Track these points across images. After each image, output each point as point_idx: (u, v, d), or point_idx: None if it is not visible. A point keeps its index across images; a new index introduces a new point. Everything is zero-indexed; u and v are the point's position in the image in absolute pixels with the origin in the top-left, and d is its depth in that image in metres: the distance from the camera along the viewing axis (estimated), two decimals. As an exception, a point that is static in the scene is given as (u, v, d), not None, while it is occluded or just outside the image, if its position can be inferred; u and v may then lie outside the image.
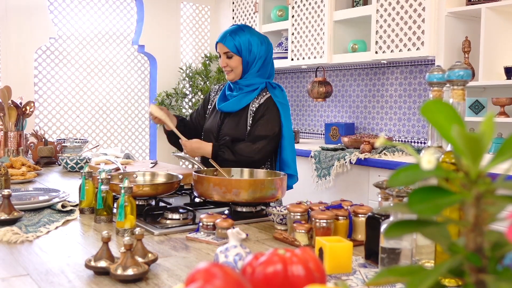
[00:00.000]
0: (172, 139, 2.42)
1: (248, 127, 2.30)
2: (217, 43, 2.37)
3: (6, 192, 1.59)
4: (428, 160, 0.45)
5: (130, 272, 1.09)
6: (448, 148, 1.15)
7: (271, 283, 0.59)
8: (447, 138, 0.47)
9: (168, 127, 2.34)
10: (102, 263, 1.14)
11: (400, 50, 3.39)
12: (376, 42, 3.54)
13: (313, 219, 1.39)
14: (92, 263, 1.14)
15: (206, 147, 2.24)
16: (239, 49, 2.32)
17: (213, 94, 2.54)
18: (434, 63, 3.47)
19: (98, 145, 3.38)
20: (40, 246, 1.38)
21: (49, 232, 1.52)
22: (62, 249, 1.36)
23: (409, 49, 3.34)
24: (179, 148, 2.38)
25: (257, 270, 0.61)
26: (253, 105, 2.32)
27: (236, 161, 2.20)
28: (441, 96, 1.23)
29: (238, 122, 2.32)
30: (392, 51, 3.44)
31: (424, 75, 3.70)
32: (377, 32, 3.53)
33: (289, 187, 2.30)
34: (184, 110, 4.98)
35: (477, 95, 3.27)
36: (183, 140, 2.26)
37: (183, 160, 4.96)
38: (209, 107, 2.52)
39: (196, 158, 2.23)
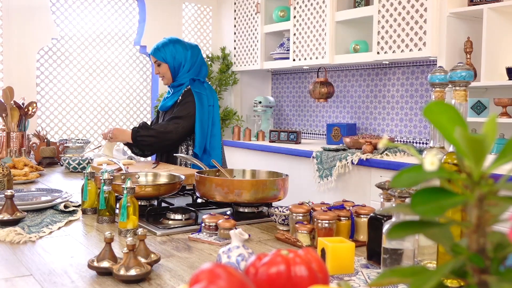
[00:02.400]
0: (131, 148, 2.95)
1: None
2: (150, 55, 2.99)
3: (9, 192, 1.59)
4: (431, 161, 0.45)
5: (133, 272, 1.09)
6: (450, 149, 1.15)
7: (274, 283, 0.59)
8: (450, 140, 0.47)
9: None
10: (105, 264, 1.14)
11: (402, 51, 3.39)
12: (378, 43, 3.54)
13: (315, 219, 1.39)
14: (95, 264, 1.14)
15: (126, 131, 2.78)
16: (165, 57, 2.87)
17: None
18: (436, 64, 3.46)
19: (100, 146, 3.39)
20: (43, 246, 1.38)
21: (52, 232, 1.52)
22: (64, 250, 1.36)
23: (411, 50, 3.34)
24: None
25: (260, 271, 0.61)
26: (178, 99, 2.85)
27: (152, 136, 2.71)
28: (443, 97, 1.23)
29: (167, 117, 2.83)
30: (394, 51, 3.44)
31: (426, 75, 3.70)
32: (379, 32, 3.53)
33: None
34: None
35: (479, 95, 3.27)
36: (106, 131, 2.81)
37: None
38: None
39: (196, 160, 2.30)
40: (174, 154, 2.56)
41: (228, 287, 0.44)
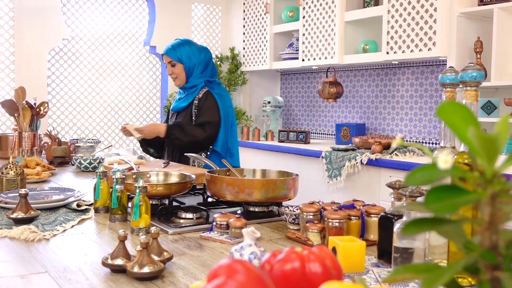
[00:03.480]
0: (144, 146, 3.00)
1: (193, 119, 2.82)
2: (162, 55, 2.90)
3: (23, 191, 1.61)
4: (444, 160, 0.46)
5: (146, 270, 1.11)
6: (461, 148, 1.16)
7: (289, 280, 0.61)
8: (463, 139, 0.48)
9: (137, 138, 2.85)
10: (119, 261, 1.16)
11: (412, 51, 3.39)
12: (388, 43, 3.54)
13: (325, 219, 1.40)
14: (109, 261, 1.16)
15: (160, 127, 2.79)
16: (180, 58, 2.83)
17: (172, 102, 3.08)
18: (445, 64, 3.46)
19: (111, 145, 3.42)
20: (57, 244, 1.40)
21: (65, 230, 1.54)
22: (78, 247, 1.38)
23: (420, 50, 3.34)
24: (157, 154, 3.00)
25: (275, 267, 0.62)
26: (195, 101, 2.83)
27: (184, 140, 2.72)
28: (454, 97, 1.23)
29: (184, 117, 2.84)
30: (403, 51, 3.44)
31: (436, 75, 3.70)
32: (388, 32, 3.53)
33: None
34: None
35: (489, 95, 3.27)
36: (140, 127, 2.78)
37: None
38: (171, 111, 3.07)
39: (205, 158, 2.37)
40: (185, 154, 2.56)
41: (246, 281, 0.46)
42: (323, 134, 4.70)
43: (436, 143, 3.71)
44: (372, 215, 1.45)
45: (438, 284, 0.46)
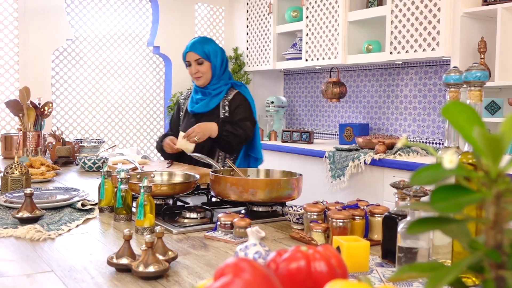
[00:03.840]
0: (165, 154, 2.71)
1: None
2: (186, 53, 2.68)
3: (28, 191, 1.62)
4: (450, 159, 0.46)
5: (151, 269, 1.11)
6: (465, 148, 1.16)
7: (295, 279, 0.61)
8: (468, 139, 0.48)
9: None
10: (124, 260, 1.16)
11: (415, 51, 3.39)
12: (391, 43, 3.54)
13: (329, 218, 1.41)
14: (114, 260, 1.17)
15: (211, 125, 2.54)
16: (208, 55, 2.65)
17: (183, 101, 2.87)
18: (449, 64, 3.46)
19: (115, 145, 3.43)
20: (62, 243, 1.41)
21: (70, 230, 1.55)
22: (83, 247, 1.39)
23: (424, 50, 3.33)
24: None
25: (281, 266, 0.62)
26: (224, 103, 2.67)
27: (238, 133, 2.55)
28: (458, 97, 1.24)
29: (211, 120, 2.59)
30: (407, 51, 3.44)
31: (439, 75, 3.69)
32: (391, 32, 3.53)
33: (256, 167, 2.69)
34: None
35: (493, 95, 3.26)
36: (188, 132, 2.50)
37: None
38: (181, 113, 2.85)
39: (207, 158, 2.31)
40: (189, 154, 2.55)
41: (252, 280, 0.46)
42: (327, 134, 4.70)
43: (439, 143, 3.70)
44: (376, 215, 1.45)
45: (443, 283, 0.47)
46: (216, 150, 2.66)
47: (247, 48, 4.94)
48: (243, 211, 1.77)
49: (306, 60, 4.26)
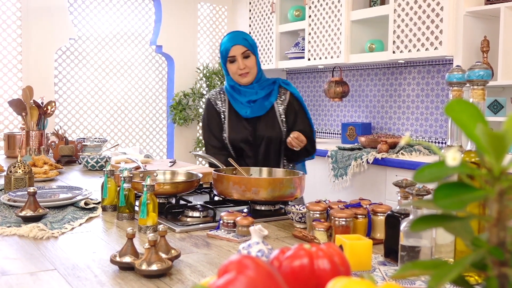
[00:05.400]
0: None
1: (283, 126, 2.39)
2: (229, 48, 2.34)
3: (31, 189, 1.63)
4: (453, 157, 0.47)
5: (154, 267, 1.11)
6: (468, 147, 1.16)
7: (298, 276, 0.61)
8: (471, 137, 0.48)
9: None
10: (127, 259, 1.17)
11: (418, 50, 3.38)
12: (394, 42, 3.54)
13: (332, 217, 1.41)
14: (117, 259, 1.17)
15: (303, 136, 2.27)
16: (253, 46, 2.37)
17: (220, 104, 2.45)
18: (452, 63, 3.45)
19: (117, 145, 3.43)
20: (65, 242, 1.42)
21: (73, 228, 1.56)
22: (86, 245, 1.39)
23: (427, 49, 3.33)
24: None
25: (284, 264, 0.63)
26: (279, 106, 2.41)
27: (309, 153, 2.39)
28: (461, 96, 1.23)
29: (272, 123, 2.37)
30: (409, 50, 3.44)
31: (442, 74, 3.69)
32: (394, 31, 3.53)
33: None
34: (201, 110, 5.02)
35: (496, 94, 3.26)
36: (297, 136, 2.23)
37: (201, 159, 5.00)
38: (223, 119, 2.43)
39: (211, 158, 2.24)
40: (191, 152, 2.55)
41: (256, 277, 0.46)
42: (329, 133, 4.70)
43: (442, 143, 3.70)
44: (379, 214, 1.45)
45: (446, 280, 0.47)
46: (282, 157, 2.42)
47: (250, 47, 4.94)
48: (245, 210, 1.77)
49: (309, 59, 4.25)
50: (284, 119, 2.39)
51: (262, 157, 2.36)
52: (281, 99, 2.42)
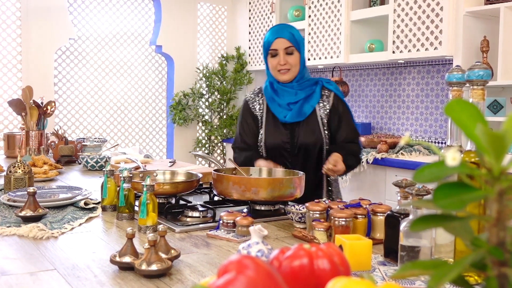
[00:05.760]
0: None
1: (324, 131, 2.19)
2: (272, 40, 2.16)
3: (31, 189, 1.63)
4: (453, 157, 0.47)
5: (154, 267, 1.11)
6: (468, 147, 1.16)
7: (298, 276, 0.61)
8: (471, 136, 0.48)
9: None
10: (127, 259, 1.17)
11: (418, 50, 3.38)
12: (393, 42, 3.54)
13: (332, 217, 1.41)
14: (117, 259, 1.17)
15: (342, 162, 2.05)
16: (299, 43, 2.18)
17: (258, 107, 2.28)
18: (452, 63, 3.45)
19: (117, 145, 3.43)
20: (65, 242, 1.42)
21: (73, 228, 1.56)
22: (86, 245, 1.39)
23: (426, 49, 3.33)
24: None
25: (284, 264, 0.63)
26: (321, 109, 2.20)
27: (352, 168, 2.17)
28: (461, 96, 1.24)
29: (313, 130, 2.17)
30: (409, 50, 3.44)
31: (442, 74, 3.69)
32: (394, 31, 3.53)
33: None
34: (200, 110, 5.02)
35: (496, 94, 3.26)
36: (333, 161, 2.01)
37: (200, 159, 5.00)
38: (259, 121, 2.27)
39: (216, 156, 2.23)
40: (190, 152, 2.54)
41: (256, 277, 0.46)
42: (329, 133, 4.69)
43: (442, 143, 3.70)
44: (378, 214, 1.45)
45: (446, 280, 0.47)
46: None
47: (250, 47, 4.94)
48: (245, 210, 1.77)
49: (309, 59, 4.25)
50: (326, 124, 2.19)
51: (301, 165, 2.16)
52: (324, 102, 2.20)
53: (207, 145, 4.95)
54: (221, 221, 1.53)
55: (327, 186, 2.24)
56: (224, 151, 5.07)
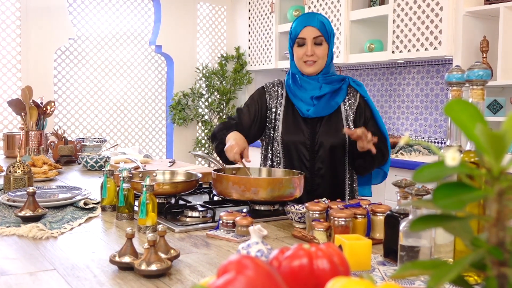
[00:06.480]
0: (223, 158, 1.99)
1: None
2: (300, 29, 2.00)
3: (31, 189, 1.62)
4: (452, 157, 0.47)
5: (153, 267, 1.11)
6: (467, 147, 1.16)
7: (297, 276, 0.61)
8: (470, 136, 0.48)
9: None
10: (126, 259, 1.16)
11: (417, 50, 3.38)
12: (393, 42, 3.54)
13: (331, 217, 1.41)
14: (117, 259, 1.17)
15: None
16: (329, 33, 2.02)
17: (276, 99, 2.10)
18: (451, 63, 3.45)
19: (116, 145, 3.43)
20: (65, 242, 1.41)
21: (73, 228, 1.55)
22: (86, 245, 1.39)
23: (426, 49, 3.33)
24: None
25: (283, 264, 0.63)
26: (347, 108, 2.04)
27: (384, 155, 1.98)
28: (460, 96, 1.23)
29: (336, 128, 2.01)
30: (409, 50, 3.44)
31: (441, 74, 3.69)
32: (394, 31, 3.53)
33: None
34: (200, 110, 5.02)
35: (495, 94, 3.26)
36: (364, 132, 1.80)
37: (200, 159, 5.00)
38: (271, 113, 2.09)
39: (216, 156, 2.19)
40: (190, 152, 2.53)
41: (256, 277, 0.46)
42: (328, 133, 4.69)
43: (441, 143, 3.70)
44: (378, 214, 1.45)
45: (446, 280, 0.47)
46: (347, 167, 2.05)
47: (249, 47, 4.94)
48: (245, 210, 1.77)
49: (308, 59, 4.25)
50: (352, 122, 2.03)
51: (320, 163, 2.01)
52: (350, 101, 2.05)
53: (206, 145, 4.95)
54: (220, 221, 1.52)
55: (351, 184, 2.08)
56: (224, 151, 5.06)
